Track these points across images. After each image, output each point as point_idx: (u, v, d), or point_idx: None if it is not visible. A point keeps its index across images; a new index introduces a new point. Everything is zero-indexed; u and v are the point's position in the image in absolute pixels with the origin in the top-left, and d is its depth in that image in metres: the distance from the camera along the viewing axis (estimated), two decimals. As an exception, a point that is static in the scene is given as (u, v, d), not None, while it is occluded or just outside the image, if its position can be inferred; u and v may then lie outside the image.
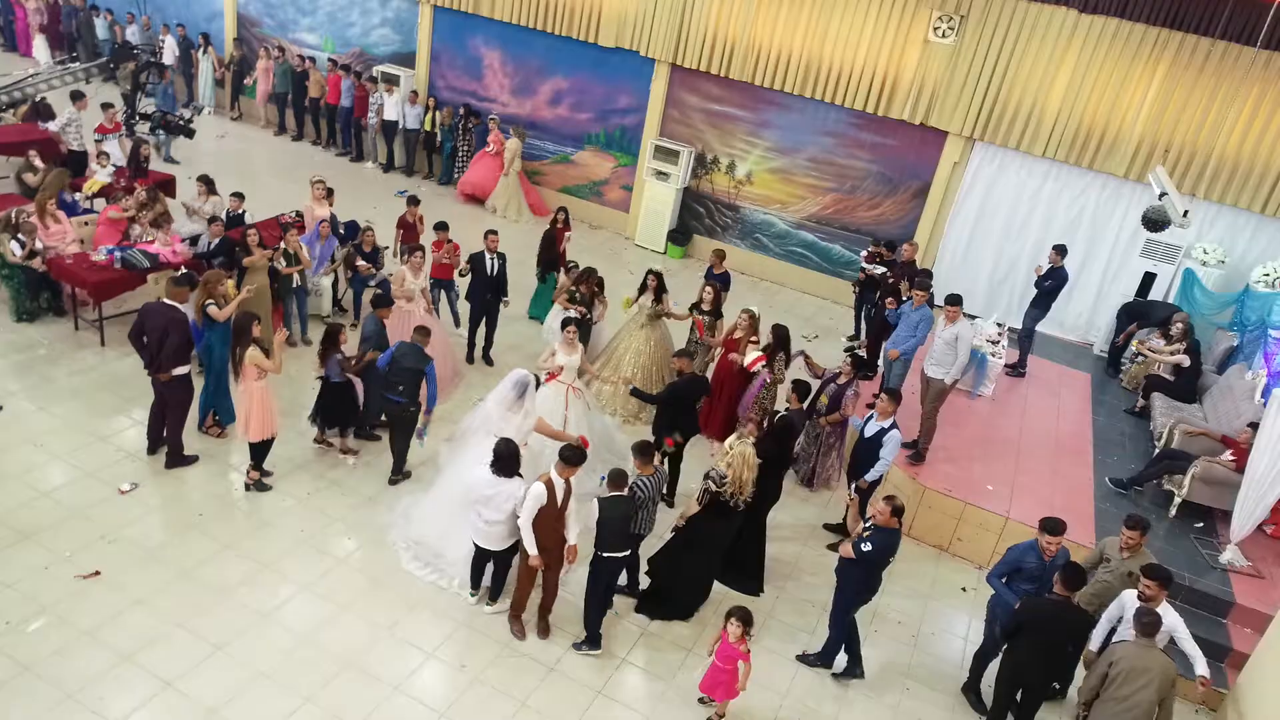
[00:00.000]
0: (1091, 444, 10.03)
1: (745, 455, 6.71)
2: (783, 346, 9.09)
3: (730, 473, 6.70)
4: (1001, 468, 9.22)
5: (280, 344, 7.29)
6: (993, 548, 8.42)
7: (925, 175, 13.33)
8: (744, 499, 6.80)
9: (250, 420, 7.32)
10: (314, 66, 16.70)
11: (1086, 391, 11.43)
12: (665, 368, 9.86)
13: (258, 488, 7.66)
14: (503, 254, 10.11)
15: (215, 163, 15.18)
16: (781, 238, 14.59)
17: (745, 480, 6.73)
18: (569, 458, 6.11)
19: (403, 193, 15.59)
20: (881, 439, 7.71)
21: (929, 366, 8.69)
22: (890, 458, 7.74)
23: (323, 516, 7.55)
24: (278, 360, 7.25)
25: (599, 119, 15.29)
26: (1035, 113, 12.31)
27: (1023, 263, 13.12)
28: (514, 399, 7.08)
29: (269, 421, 7.40)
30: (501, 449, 6.14)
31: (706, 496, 6.77)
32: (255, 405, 7.28)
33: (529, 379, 7.15)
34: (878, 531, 6.34)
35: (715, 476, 6.75)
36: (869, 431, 7.79)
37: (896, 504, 6.33)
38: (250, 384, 7.23)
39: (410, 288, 9.40)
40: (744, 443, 6.76)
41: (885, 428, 7.66)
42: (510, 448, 6.16)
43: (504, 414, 7.06)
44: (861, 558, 6.34)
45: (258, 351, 7.13)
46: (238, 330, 7.23)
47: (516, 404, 7.07)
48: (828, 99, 13.43)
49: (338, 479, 8.05)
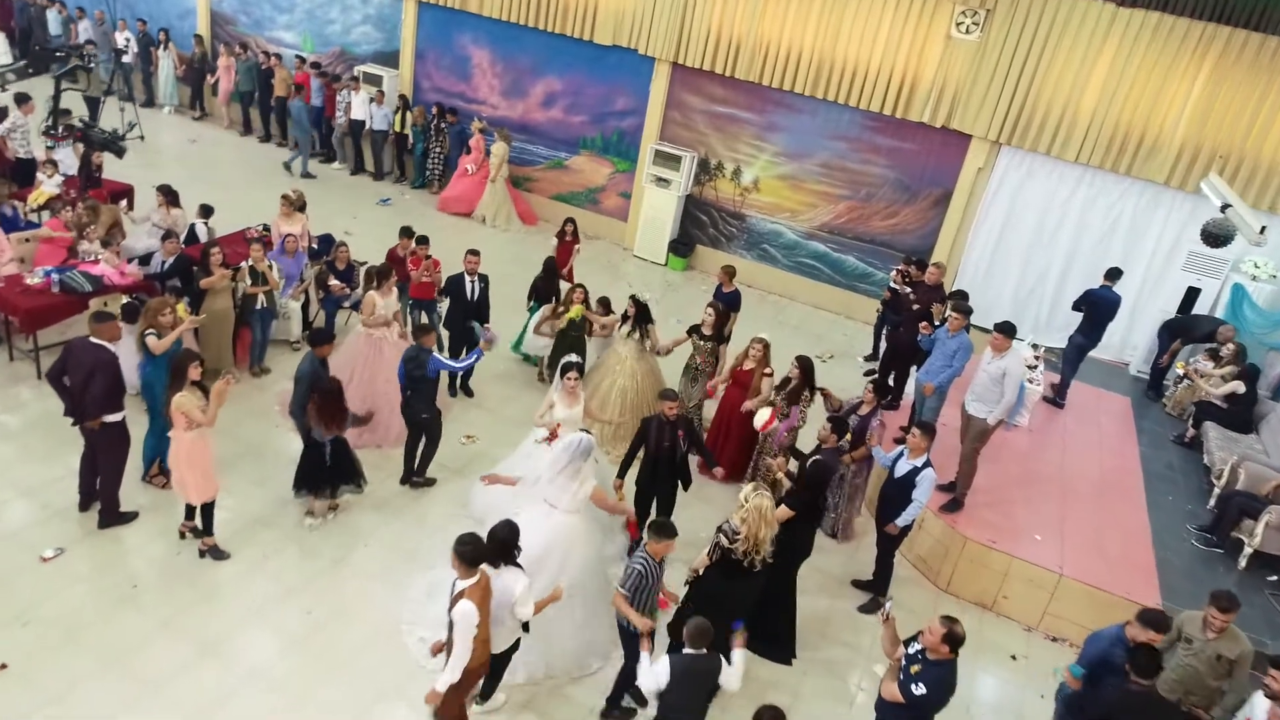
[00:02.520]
0: (1141, 480, 9.08)
1: (762, 509, 5.69)
2: (808, 382, 8.11)
3: (744, 528, 5.73)
4: (1046, 511, 8.25)
5: (221, 392, 6.25)
6: (1044, 607, 7.46)
7: (946, 182, 12.38)
8: (760, 559, 5.82)
9: (185, 480, 6.32)
10: (280, 64, 15.73)
11: (1128, 418, 10.48)
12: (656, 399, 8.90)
13: (213, 555, 6.67)
14: (485, 276, 9.12)
15: (183, 169, 14.22)
16: (791, 248, 13.62)
17: (762, 539, 5.73)
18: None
19: (385, 201, 14.66)
20: (914, 479, 6.74)
21: (970, 403, 7.72)
22: (924, 500, 6.77)
23: (278, 585, 6.55)
24: (213, 410, 6.23)
25: (595, 122, 14.31)
26: (1068, 115, 11.37)
27: (1051, 276, 12.18)
28: (573, 465, 6.11)
29: (204, 481, 6.38)
30: (500, 532, 5.14)
31: (717, 552, 5.81)
32: (183, 461, 6.27)
33: (591, 444, 6.16)
34: (929, 667, 4.89)
35: (727, 531, 5.78)
36: (899, 471, 6.82)
37: (955, 632, 4.83)
38: (179, 434, 6.21)
39: (383, 313, 8.40)
40: (760, 494, 5.76)
41: (918, 466, 6.70)
42: (507, 531, 5.15)
43: (560, 481, 6.12)
44: (913, 702, 4.92)
45: (187, 397, 6.12)
46: (174, 370, 6.21)
47: (574, 470, 6.12)
48: (841, 100, 12.47)
49: (299, 537, 7.04)
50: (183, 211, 10.26)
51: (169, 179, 11.51)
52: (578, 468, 6.08)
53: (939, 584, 7.82)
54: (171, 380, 6.18)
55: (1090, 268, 11.90)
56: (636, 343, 8.83)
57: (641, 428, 7.01)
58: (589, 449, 6.14)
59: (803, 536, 6.52)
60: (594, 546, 6.36)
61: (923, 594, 7.70)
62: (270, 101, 15.87)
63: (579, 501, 6.09)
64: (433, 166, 15.10)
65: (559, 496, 6.09)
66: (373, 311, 8.34)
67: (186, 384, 6.13)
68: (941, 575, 7.79)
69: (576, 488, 6.06)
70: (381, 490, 7.69)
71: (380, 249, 10.30)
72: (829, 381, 8.88)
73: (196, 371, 6.17)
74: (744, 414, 8.31)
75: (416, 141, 15.04)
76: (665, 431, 6.88)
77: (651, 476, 6.98)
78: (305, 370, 7.02)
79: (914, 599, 7.59)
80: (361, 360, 8.25)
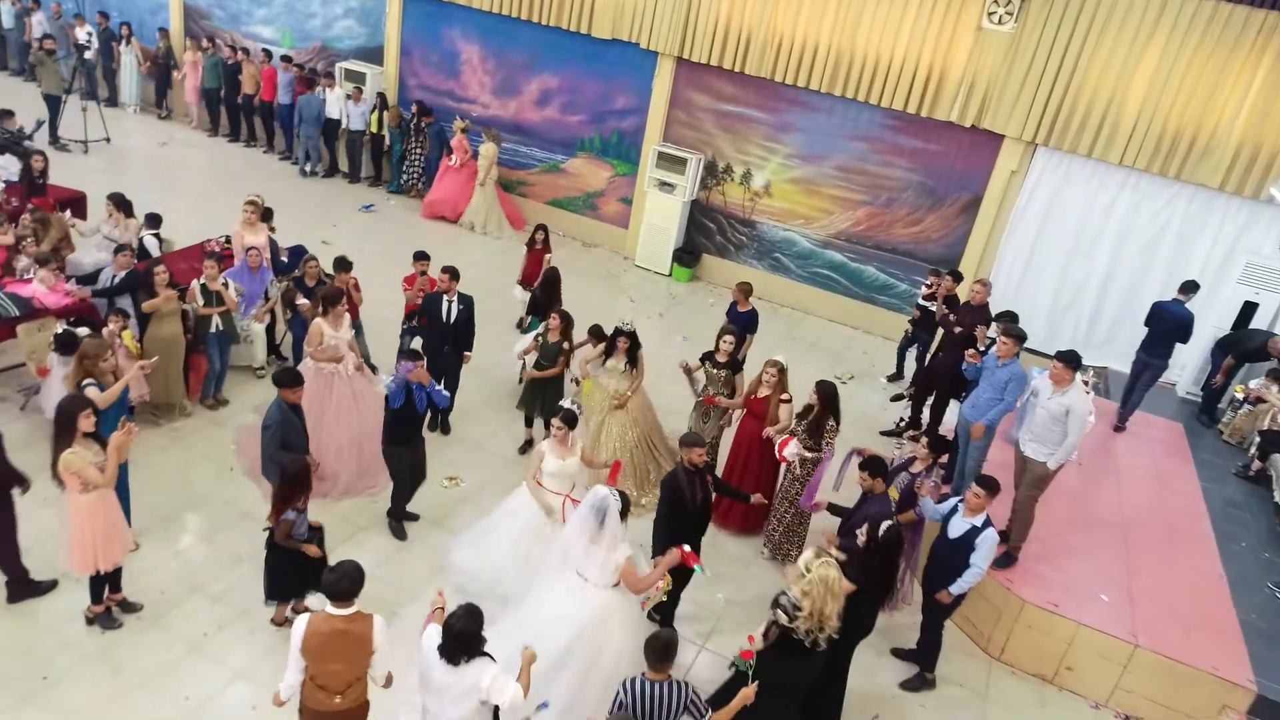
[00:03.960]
0: (1208, 523, 8.09)
1: (828, 582, 4.74)
2: (831, 410, 7.11)
3: (807, 602, 4.75)
4: (1110, 564, 7.25)
5: (121, 445, 5.23)
6: (1115, 681, 6.45)
7: (976, 186, 11.38)
8: (825, 637, 4.85)
9: (73, 546, 5.29)
10: (248, 59, 14.73)
11: (1183, 448, 9.48)
12: (657, 435, 7.95)
13: (101, 623, 5.64)
14: (467, 298, 8.09)
15: (151, 174, 13.21)
16: (805, 258, 12.62)
17: (828, 614, 4.76)
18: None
19: (368, 207, 13.65)
20: (972, 540, 5.75)
21: (1027, 443, 6.72)
22: (984, 566, 5.77)
23: (222, 669, 5.53)
24: (112, 467, 5.21)
25: (594, 122, 13.30)
26: (1111, 112, 10.37)
27: (1090, 290, 11.19)
28: (594, 523, 5.18)
29: (99, 549, 5.33)
30: (458, 623, 4.13)
31: (775, 631, 4.83)
32: (76, 528, 5.25)
33: (608, 500, 5.21)
34: None
35: (787, 606, 4.80)
36: (954, 530, 5.82)
37: None
38: (73, 497, 5.20)
39: (332, 345, 7.28)
40: (826, 564, 4.80)
41: (976, 526, 5.71)
42: (467, 624, 4.14)
43: (587, 546, 5.20)
44: None
45: (78, 454, 5.10)
46: (60, 421, 5.18)
47: (600, 532, 5.17)
48: (860, 97, 11.47)
49: (248, 608, 6.02)
50: (137, 221, 9.26)
51: (134, 185, 10.55)
52: (600, 527, 5.13)
53: (990, 651, 6.82)
54: (57, 434, 5.15)
55: (1133, 280, 10.97)
56: (624, 374, 7.81)
57: (670, 488, 5.92)
58: (602, 507, 5.16)
59: (866, 611, 5.55)
60: (633, 627, 5.36)
61: (973, 665, 6.70)
62: (237, 99, 14.88)
63: (610, 570, 5.12)
64: (410, 169, 14.08)
65: (585, 565, 5.16)
66: (320, 342, 7.24)
67: (77, 437, 5.10)
68: (994, 642, 6.79)
69: (604, 555, 5.10)
70: (348, 547, 6.67)
71: (363, 260, 9.28)
72: (850, 407, 7.85)
73: (89, 421, 5.14)
74: (763, 445, 7.31)
75: (393, 143, 14.03)
76: (696, 483, 5.89)
77: (676, 537, 5.92)
78: (274, 419, 5.96)
79: (962, 670, 6.60)
80: (308, 398, 6.89)
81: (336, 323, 7.35)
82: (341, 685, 4.32)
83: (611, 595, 5.24)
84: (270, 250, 8.96)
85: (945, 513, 5.98)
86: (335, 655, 4.25)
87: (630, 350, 7.73)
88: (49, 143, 13.50)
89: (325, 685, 4.31)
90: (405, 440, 6.66)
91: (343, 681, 4.32)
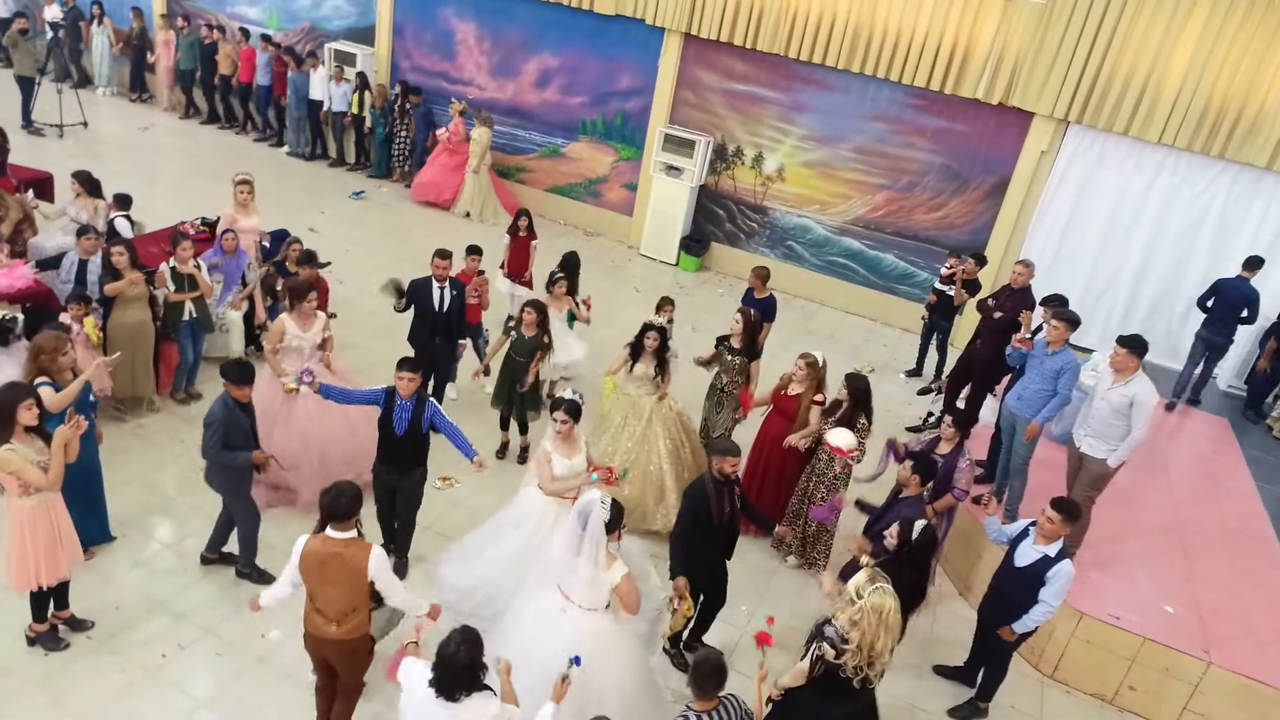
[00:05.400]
0: (1270, 527, 7.45)
1: (883, 611, 4.05)
2: (863, 406, 6.47)
3: (855, 634, 4.08)
4: (1169, 572, 6.60)
5: (66, 440, 4.56)
6: (1183, 703, 5.80)
7: (1003, 168, 10.72)
8: (877, 675, 4.18)
9: (11, 558, 4.63)
10: (224, 38, 14.09)
11: (1232, 445, 8.84)
12: (697, 449, 7.10)
13: (44, 644, 4.98)
14: (459, 283, 7.40)
15: (129, 160, 12.53)
16: (820, 246, 11.96)
17: (881, 648, 4.09)
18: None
19: (359, 194, 12.99)
20: (1044, 572, 5.03)
21: (1084, 438, 6.06)
22: (1056, 604, 5.07)
23: (182, 697, 4.86)
24: (56, 468, 4.54)
25: (596, 103, 12.63)
26: (1150, 87, 9.71)
27: (1125, 277, 10.53)
28: (579, 531, 4.45)
29: (41, 562, 4.67)
30: (459, 652, 3.47)
31: (820, 666, 4.16)
32: (15, 537, 4.60)
33: (592, 505, 4.43)
34: None
35: (834, 638, 4.12)
36: (1023, 559, 5.11)
37: None
38: (12, 502, 4.55)
39: (295, 344, 6.34)
40: (881, 590, 4.10)
41: (1049, 555, 5.01)
42: (469, 651, 3.49)
43: (570, 558, 4.45)
44: None
45: (16, 452, 4.43)
46: None
47: (581, 541, 4.43)
48: (880, 74, 10.81)
49: (214, 625, 5.35)
50: (105, 203, 8.58)
51: (111, 172, 9.91)
52: (587, 541, 4.39)
53: (1043, 669, 6.16)
54: None
55: (1171, 268, 10.32)
56: (654, 381, 6.86)
57: (695, 498, 5.21)
58: (586, 511, 4.41)
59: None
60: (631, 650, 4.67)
61: (1023, 684, 6.03)
62: (213, 80, 14.23)
63: (600, 594, 4.40)
64: (398, 152, 13.40)
65: (571, 583, 4.43)
66: (280, 341, 6.25)
67: (17, 431, 4.43)
68: (1046, 658, 6.13)
69: (592, 573, 4.37)
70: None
71: (352, 250, 8.62)
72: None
73: (30, 414, 4.47)
74: (785, 450, 6.65)
75: (375, 125, 13.35)
76: (725, 496, 5.20)
77: (698, 555, 5.23)
78: (217, 416, 5.20)
79: (1012, 689, 5.91)
80: (263, 405, 5.95)
81: (305, 321, 6.37)
82: (337, 613, 4.21)
83: (601, 620, 4.49)
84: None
85: (1012, 535, 5.29)
86: (330, 579, 4.15)
87: (659, 351, 6.82)
88: (21, 126, 12.85)
89: (322, 610, 4.22)
90: (384, 460, 5.67)
91: (338, 609, 4.20)
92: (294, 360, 6.31)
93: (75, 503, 5.14)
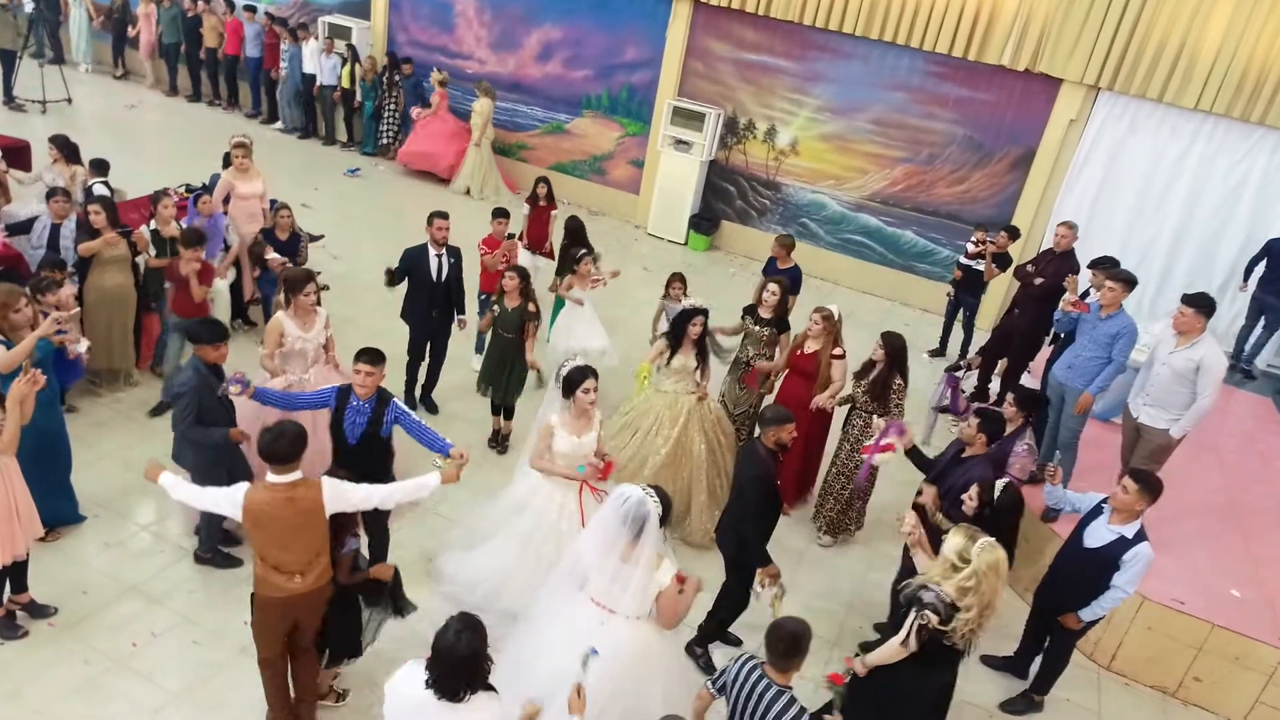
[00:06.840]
0: (1330, 507, 6.96)
1: (999, 566, 3.74)
2: (898, 367, 5.97)
3: (973, 599, 3.70)
4: (1231, 554, 6.11)
5: (21, 396, 4.09)
6: (1256, 694, 5.30)
7: (1029, 139, 10.23)
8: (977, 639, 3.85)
9: None
10: (209, 10, 13.59)
11: (1278, 423, 8.36)
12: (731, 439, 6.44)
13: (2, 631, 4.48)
14: (457, 250, 6.82)
15: (110, 136, 11.98)
16: (835, 223, 11.46)
17: (998, 605, 3.79)
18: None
19: (354, 171, 12.49)
20: (1118, 556, 4.52)
21: (1143, 407, 5.58)
22: (1130, 590, 4.57)
23: (154, 691, 4.34)
24: (10, 429, 4.03)
25: (601, 77, 12.13)
26: (1185, 51, 9.23)
27: (1159, 250, 10.04)
28: (627, 537, 3.83)
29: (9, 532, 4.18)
30: (458, 642, 2.96)
31: (925, 635, 3.75)
32: None
33: (646, 506, 3.81)
34: None
35: (939, 605, 3.72)
36: (1094, 539, 4.60)
37: None
38: None
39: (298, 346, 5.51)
40: (992, 546, 3.75)
41: (1126, 537, 4.50)
42: (470, 641, 2.98)
43: (616, 567, 3.83)
44: None
45: None
46: None
47: (635, 549, 3.84)
48: (900, 41, 10.33)
49: (190, 611, 4.83)
50: (83, 169, 8.07)
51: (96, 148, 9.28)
52: (633, 538, 3.81)
53: (1099, 660, 5.66)
54: None
55: (1207, 240, 9.83)
56: (693, 375, 6.14)
57: (759, 475, 4.64)
58: (641, 516, 3.78)
59: None
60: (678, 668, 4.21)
61: (1078, 675, 5.52)
62: (199, 54, 13.76)
63: (649, 599, 3.85)
64: (388, 128, 12.90)
65: (615, 593, 3.86)
66: (278, 344, 5.41)
67: None
68: (1102, 648, 5.63)
69: (640, 578, 3.80)
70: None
71: (347, 227, 8.09)
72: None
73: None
74: (809, 414, 6.13)
75: (365, 99, 12.83)
76: (776, 467, 4.73)
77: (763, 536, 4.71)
78: (188, 383, 4.62)
79: (1065, 683, 5.38)
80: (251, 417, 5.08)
81: (305, 319, 5.45)
82: (300, 564, 3.80)
83: (644, 629, 3.92)
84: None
85: (1078, 505, 4.78)
86: (285, 528, 3.72)
87: (700, 340, 6.11)
88: (3, 102, 12.34)
89: (280, 565, 3.77)
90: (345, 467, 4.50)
91: (301, 560, 3.80)
92: (297, 365, 5.56)
93: (41, 480, 4.65)
